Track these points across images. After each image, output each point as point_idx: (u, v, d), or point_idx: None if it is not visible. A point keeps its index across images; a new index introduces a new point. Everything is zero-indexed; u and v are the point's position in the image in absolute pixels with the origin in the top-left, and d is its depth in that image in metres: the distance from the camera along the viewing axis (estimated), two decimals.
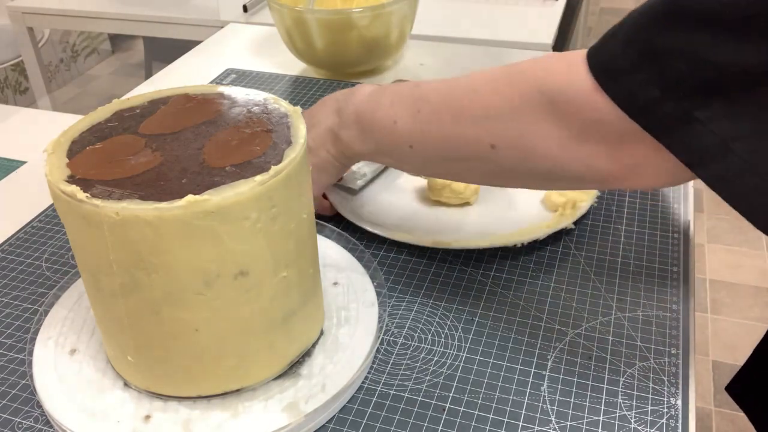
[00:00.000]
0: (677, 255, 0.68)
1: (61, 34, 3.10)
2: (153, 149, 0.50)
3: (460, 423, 0.53)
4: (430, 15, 1.30)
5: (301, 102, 1.00)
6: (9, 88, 2.88)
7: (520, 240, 0.67)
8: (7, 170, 0.88)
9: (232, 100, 0.56)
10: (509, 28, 1.27)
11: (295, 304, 0.53)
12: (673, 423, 0.52)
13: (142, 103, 0.57)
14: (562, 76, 0.48)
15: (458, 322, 0.62)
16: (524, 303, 0.64)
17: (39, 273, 0.69)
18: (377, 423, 0.53)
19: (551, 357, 0.58)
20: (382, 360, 0.59)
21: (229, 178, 0.46)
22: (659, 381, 0.56)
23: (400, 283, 0.66)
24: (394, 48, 1.07)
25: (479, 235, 0.70)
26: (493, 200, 0.76)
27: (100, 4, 1.62)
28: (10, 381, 0.58)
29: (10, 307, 0.65)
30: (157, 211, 0.44)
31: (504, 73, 0.53)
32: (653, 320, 0.61)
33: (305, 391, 0.53)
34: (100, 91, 3.14)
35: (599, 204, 0.75)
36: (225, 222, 0.45)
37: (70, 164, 0.49)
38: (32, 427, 0.54)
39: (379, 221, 0.73)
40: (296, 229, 0.51)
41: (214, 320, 0.49)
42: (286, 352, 0.54)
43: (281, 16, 1.03)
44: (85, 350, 0.57)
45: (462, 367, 0.58)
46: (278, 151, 0.49)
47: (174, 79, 1.11)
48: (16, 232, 0.75)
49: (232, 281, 0.48)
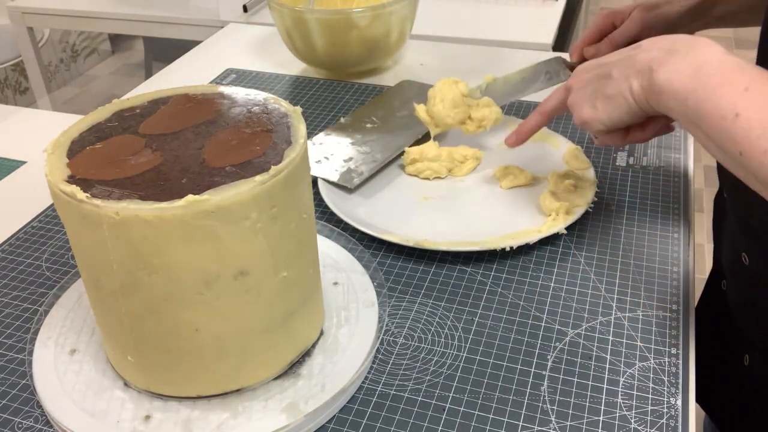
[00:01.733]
0: (677, 255, 0.68)
1: (61, 34, 3.10)
2: (153, 149, 0.50)
3: (460, 423, 0.53)
4: (430, 15, 1.30)
5: (301, 102, 1.00)
6: (9, 88, 2.88)
7: (510, 244, 0.67)
8: (7, 170, 0.88)
9: (232, 100, 0.56)
10: (509, 28, 1.27)
11: (295, 304, 0.53)
12: (673, 423, 0.52)
13: (142, 103, 0.57)
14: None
15: (458, 322, 0.62)
16: (524, 303, 0.64)
17: (39, 273, 0.69)
18: (377, 423, 0.53)
19: (551, 357, 0.58)
20: (382, 360, 0.59)
21: (229, 178, 0.46)
22: (659, 381, 0.56)
23: (400, 283, 0.66)
24: (394, 48, 1.07)
25: (471, 236, 0.70)
26: (488, 203, 0.76)
27: (100, 4, 1.62)
28: (10, 381, 0.58)
29: (10, 307, 0.65)
30: (157, 211, 0.44)
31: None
32: (653, 320, 0.61)
33: (305, 391, 0.53)
34: (100, 91, 3.14)
35: (599, 204, 0.75)
36: (225, 222, 0.45)
37: (70, 164, 0.49)
38: (32, 427, 0.54)
39: (374, 221, 0.73)
40: (296, 229, 0.51)
41: (214, 320, 0.49)
42: (286, 352, 0.54)
43: (281, 16, 1.03)
44: (85, 350, 0.57)
45: (462, 367, 0.58)
46: (278, 151, 0.49)
47: (174, 79, 1.11)
48: (16, 232, 0.75)
49: (232, 281, 0.48)
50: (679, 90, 0.51)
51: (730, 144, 0.48)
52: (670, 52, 0.53)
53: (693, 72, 0.51)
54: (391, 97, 0.97)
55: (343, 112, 0.96)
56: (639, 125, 0.60)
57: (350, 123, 0.90)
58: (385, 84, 1.04)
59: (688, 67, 0.51)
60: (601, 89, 0.59)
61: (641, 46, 0.56)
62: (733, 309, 0.68)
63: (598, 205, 0.75)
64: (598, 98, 0.59)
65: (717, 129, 0.48)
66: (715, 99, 0.49)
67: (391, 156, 0.82)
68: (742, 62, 0.50)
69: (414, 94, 0.97)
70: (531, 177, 0.78)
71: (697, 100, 0.50)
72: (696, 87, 0.50)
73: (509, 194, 0.77)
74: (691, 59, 0.51)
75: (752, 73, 0.49)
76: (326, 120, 0.95)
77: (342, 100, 1.00)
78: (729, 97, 0.48)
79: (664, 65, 0.53)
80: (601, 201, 0.76)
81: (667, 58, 0.53)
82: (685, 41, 0.53)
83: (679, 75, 0.51)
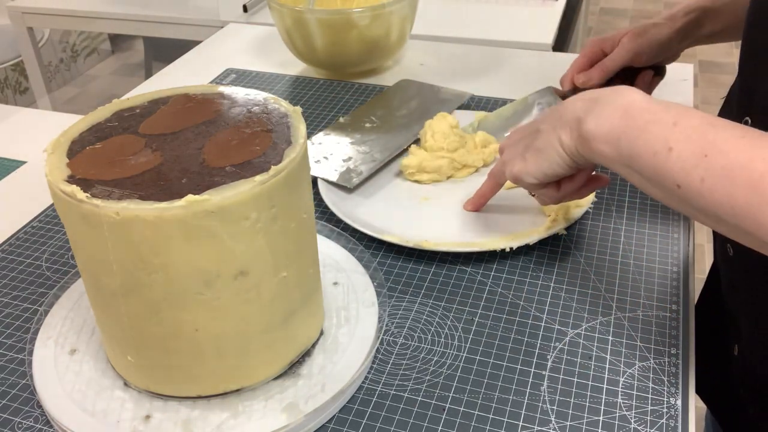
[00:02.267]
0: (677, 255, 0.68)
1: (61, 34, 3.10)
2: (153, 149, 0.50)
3: (460, 423, 0.53)
4: (430, 15, 1.30)
5: (301, 102, 1.00)
6: (9, 88, 2.88)
7: (510, 245, 0.67)
8: (7, 170, 0.88)
9: (232, 100, 0.56)
10: (509, 28, 1.27)
11: (295, 304, 0.53)
12: (673, 423, 0.52)
13: (142, 103, 0.57)
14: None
15: (458, 322, 0.62)
16: (524, 303, 0.64)
17: (39, 273, 0.69)
18: (377, 423, 0.53)
19: (551, 357, 0.58)
20: (382, 360, 0.59)
21: (229, 178, 0.46)
22: (659, 381, 0.56)
23: (400, 283, 0.66)
24: (394, 48, 1.07)
25: (471, 237, 0.70)
26: (489, 203, 0.76)
27: (100, 4, 1.62)
28: (10, 381, 0.58)
29: (10, 307, 0.65)
30: (157, 211, 0.44)
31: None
32: (653, 320, 0.61)
33: (305, 391, 0.53)
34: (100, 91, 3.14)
35: (599, 204, 0.75)
36: (225, 222, 0.45)
37: (70, 164, 0.49)
38: (32, 427, 0.54)
39: (373, 221, 0.73)
40: (296, 229, 0.51)
41: (214, 320, 0.49)
42: (286, 352, 0.54)
43: (281, 16, 1.03)
44: (85, 350, 0.57)
45: (462, 367, 0.58)
46: (278, 151, 0.49)
47: (174, 79, 1.11)
48: (16, 232, 0.75)
49: (232, 281, 0.48)
50: (610, 133, 0.52)
51: (667, 179, 0.48)
52: (594, 101, 0.54)
53: (621, 114, 0.52)
54: (390, 97, 0.97)
55: (343, 112, 0.96)
56: (569, 177, 0.61)
57: (349, 123, 0.90)
58: (385, 84, 1.04)
59: (616, 110, 0.52)
60: (531, 144, 0.61)
61: (564, 104, 0.58)
62: (725, 300, 0.69)
63: (598, 205, 0.75)
64: (528, 152, 0.61)
65: (651, 166, 0.49)
66: (646, 136, 0.49)
67: (390, 156, 0.82)
68: (665, 101, 0.51)
69: (414, 93, 0.97)
70: None
71: (628, 140, 0.50)
72: (626, 128, 0.51)
73: (509, 194, 0.77)
74: (617, 104, 0.52)
75: (677, 108, 0.50)
76: (326, 120, 0.95)
77: (342, 100, 1.00)
78: (660, 132, 0.49)
79: (591, 113, 0.54)
80: (601, 201, 0.76)
81: (593, 106, 0.54)
82: (607, 91, 0.55)
83: (608, 119, 0.52)
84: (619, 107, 0.52)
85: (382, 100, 0.96)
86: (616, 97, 0.53)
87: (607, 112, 0.53)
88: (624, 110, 0.52)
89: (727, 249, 0.65)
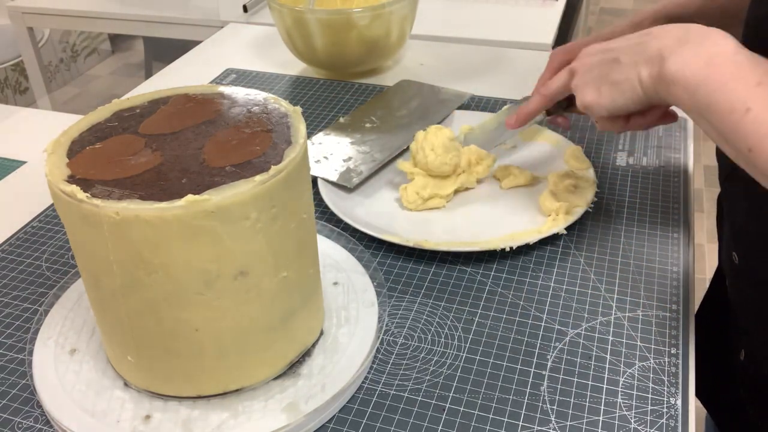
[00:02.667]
0: (677, 255, 0.68)
1: (61, 34, 3.10)
2: (153, 149, 0.50)
3: (460, 423, 0.53)
4: (430, 15, 1.30)
5: (301, 102, 1.00)
6: (9, 88, 2.88)
7: (510, 244, 0.67)
8: (7, 170, 0.88)
9: (232, 100, 0.56)
10: (509, 28, 1.27)
11: (295, 304, 0.53)
12: (673, 423, 0.52)
13: (142, 103, 0.57)
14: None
15: (458, 322, 0.62)
16: (524, 303, 0.64)
17: (39, 273, 0.69)
18: (377, 423, 0.53)
19: (551, 357, 0.58)
20: (382, 360, 0.59)
21: (229, 178, 0.46)
22: (659, 381, 0.56)
23: (400, 283, 0.66)
24: (394, 48, 1.07)
25: (471, 237, 0.70)
26: (488, 203, 0.76)
27: (100, 4, 1.62)
28: (10, 381, 0.58)
29: (10, 307, 0.65)
30: (157, 211, 0.44)
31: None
32: (653, 320, 0.61)
33: (305, 391, 0.53)
34: (100, 91, 3.14)
35: (599, 204, 0.75)
36: (225, 222, 0.45)
37: (70, 164, 0.49)
38: (32, 427, 0.54)
39: (373, 221, 0.73)
40: (296, 229, 0.51)
41: (214, 320, 0.49)
42: (286, 352, 0.54)
43: (281, 16, 1.03)
44: (85, 350, 0.57)
45: (462, 367, 0.58)
46: (278, 151, 0.49)
47: (174, 79, 1.11)
48: (16, 232, 0.75)
49: (232, 281, 0.48)
50: (689, 80, 0.50)
51: (740, 139, 0.47)
52: (682, 41, 0.52)
53: (705, 63, 0.49)
54: (390, 97, 0.97)
55: (343, 112, 0.96)
56: (640, 112, 0.60)
57: (349, 123, 0.90)
58: (384, 84, 1.04)
59: (701, 57, 0.50)
60: (607, 74, 0.58)
61: (652, 33, 0.55)
62: (733, 306, 0.68)
63: (598, 205, 0.75)
64: (603, 83, 0.58)
65: (726, 123, 0.47)
66: (726, 92, 0.48)
67: (390, 156, 0.82)
68: (756, 56, 0.49)
69: (414, 93, 0.97)
70: (531, 177, 0.78)
71: (707, 92, 0.49)
72: (707, 78, 0.49)
73: (509, 194, 0.77)
74: (703, 50, 0.50)
75: (765, 67, 0.48)
76: (326, 120, 0.95)
77: (342, 100, 1.00)
78: (741, 91, 0.47)
79: (676, 54, 0.51)
80: (601, 201, 0.76)
81: (679, 48, 0.51)
82: (699, 31, 0.52)
83: (691, 65, 0.50)
84: (704, 54, 0.50)
85: (382, 100, 0.96)
86: (704, 41, 0.51)
87: (691, 55, 0.50)
88: (709, 58, 0.49)
89: (733, 257, 0.64)
